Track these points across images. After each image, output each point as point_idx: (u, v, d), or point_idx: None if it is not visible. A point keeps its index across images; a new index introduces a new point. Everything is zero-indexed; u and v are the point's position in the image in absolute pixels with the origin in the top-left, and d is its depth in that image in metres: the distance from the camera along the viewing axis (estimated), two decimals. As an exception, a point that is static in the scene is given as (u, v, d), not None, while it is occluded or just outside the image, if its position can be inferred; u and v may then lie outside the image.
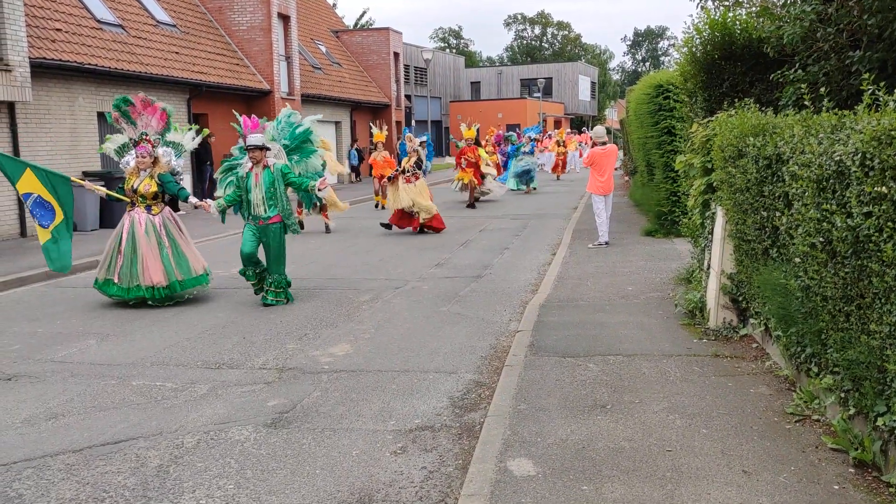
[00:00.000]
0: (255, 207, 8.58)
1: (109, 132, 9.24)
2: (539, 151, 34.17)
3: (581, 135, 42.49)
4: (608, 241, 12.17)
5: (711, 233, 7.10)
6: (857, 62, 5.76)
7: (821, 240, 4.10)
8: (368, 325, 7.66)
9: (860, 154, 3.54)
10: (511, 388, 5.38)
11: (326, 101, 29.05)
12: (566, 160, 32.53)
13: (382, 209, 19.07)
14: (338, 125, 30.87)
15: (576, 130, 47.48)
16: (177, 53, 20.42)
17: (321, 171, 10.33)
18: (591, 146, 14.78)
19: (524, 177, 24.31)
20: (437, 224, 14.79)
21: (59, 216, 8.55)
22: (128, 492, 4.11)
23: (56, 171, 8.88)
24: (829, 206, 3.90)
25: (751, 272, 5.87)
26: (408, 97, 40.29)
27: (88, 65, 16.30)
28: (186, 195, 9.06)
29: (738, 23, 7.39)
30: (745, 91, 7.39)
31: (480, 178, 20.31)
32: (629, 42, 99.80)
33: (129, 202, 8.89)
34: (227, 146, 22.32)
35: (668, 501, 3.67)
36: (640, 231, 13.43)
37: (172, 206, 11.45)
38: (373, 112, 33.42)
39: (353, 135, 31.95)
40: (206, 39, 22.81)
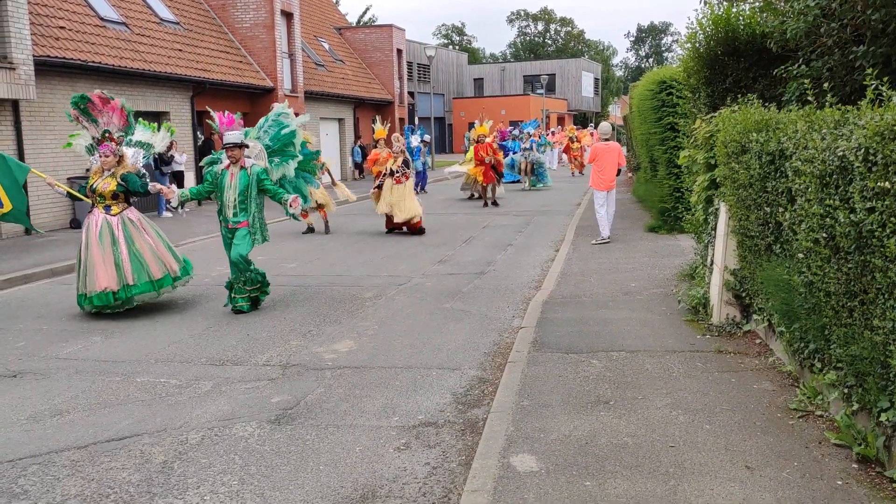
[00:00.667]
0: (226, 208, 8.20)
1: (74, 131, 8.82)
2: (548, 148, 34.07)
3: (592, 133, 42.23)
4: (610, 236, 12.20)
5: (714, 229, 7.09)
6: (861, 57, 5.74)
7: (824, 235, 4.09)
8: (372, 322, 7.67)
9: (863, 149, 3.53)
10: (514, 385, 5.39)
11: (329, 98, 29.05)
12: (582, 156, 31.99)
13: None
14: (341, 122, 30.88)
15: (579, 126, 47.30)
16: (180, 51, 20.44)
17: (310, 177, 9.87)
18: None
19: (535, 173, 24.07)
20: (417, 224, 14.23)
21: (7, 206, 8.36)
22: (132, 488, 4.13)
23: (18, 162, 8.66)
24: (833, 202, 3.90)
25: (754, 268, 5.87)
26: (411, 94, 40.28)
27: (92, 62, 16.33)
28: (147, 185, 8.44)
29: (742, 18, 7.37)
30: (749, 87, 7.37)
31: (496, 177, 19.64)
32: (632, 38, 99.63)
33: (91, 204, 8.43)
34: (231, 144, 22.49)
35: (671, 497, 3.68)
36: (644, 227, 13.42)
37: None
38: (376, 109, 33.40)
39: (357, 132, 31.96)
40: (210, 37, 22.82)
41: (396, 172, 14.06)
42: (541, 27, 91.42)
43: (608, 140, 12.58)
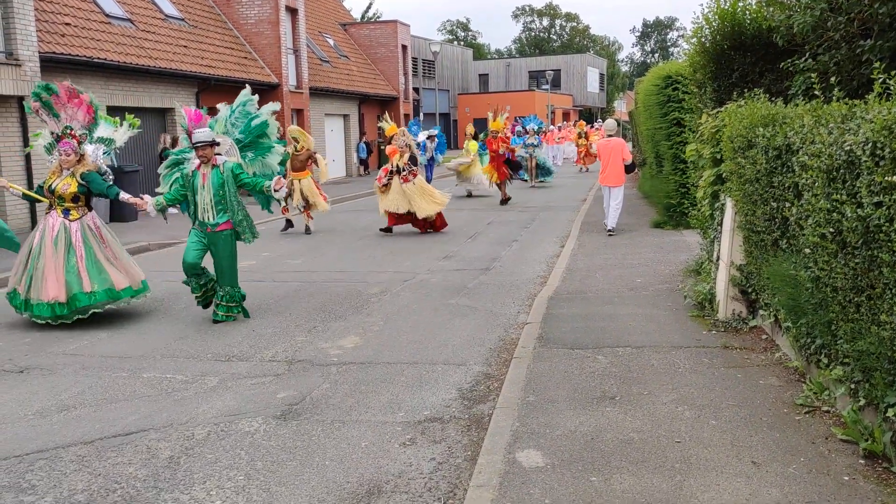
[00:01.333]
0: (203, 212, 7.55)
1: (40, 127, 8.14)
2: (554, 143, 34.01)
3: (591, 129, 42.07)
4: (612, 230, 12.57)
5: (721, 224, 7.07)
6: (868, 51, 5.71)
7: (831, 230, 4.08)
8: (377, 318, 7.68)
9: (870, 144, 3.52)
10: (520, 380, 5.39)
11: (334, 95, 29.05)
12: (589, 151, 31.89)
13: None
14: (346, 118, 30.89)
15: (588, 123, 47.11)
16: (185, 47, 20.46)
17: (281, 170, 8.99)
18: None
19: (539, 173, 23.93)
20: (440, 223, 13.84)
21: None
22: (139, 483, 4.14)
23: None
24: (840, 197, 3.88)
25: (760, 263, 5.85)
26: (416, 90, 40.25)
27: (97, 59, 16.35)
28: (116, 192, 7.78)
29: (748, 12, 7.34)
30: (755, 81, 7.35)
31: (510, 171, 19.01)
32: (638, 33, 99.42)
33: (48, 205, 7.81)
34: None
35: (677, 492, 3.67)
36: (649, 223, 13.39)
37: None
38: (381, 105, 33.41)
39: (362, 128, 31.96)
40: (215, 33, 22.84)
41: (403, 170, 13.43)
42: (546, 22, 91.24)
43: (612, 137, 13.03)
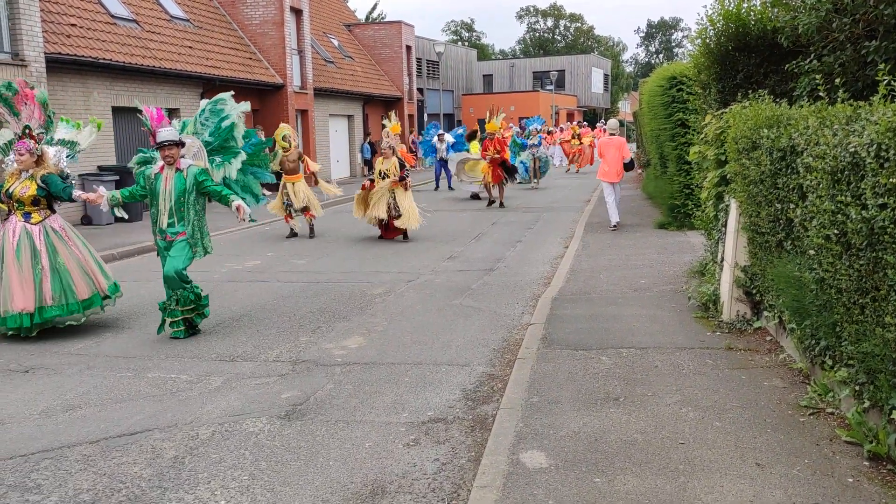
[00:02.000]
0: (161, 217, 7.09)
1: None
2: (550, 145, 33.96)
3: (596, 129, 42.01)
4: (616, 224, 13.17)
5: (725, 225, 7.07)
6: (873, 52, 5.70)
7: (835, 232, 4.07)
8: (381, 318, 7.68)
9: (875, 145, 3.51)
10: (524, 381, 5.39)
11: (339, 95, 29.08)
12: (582, 152, 31.96)
13: None
14: (350, 119, 30.93)
15: (586, 123, 47.07)
16: (190, 48, 20.51)
17: (264, 175, 8.43)
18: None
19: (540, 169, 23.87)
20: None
21: None
22: (144, 483, 4.15)
23: None
24: (844, 198, 3.88)
25: (765, 265, 5.84)
26: (420, 90, 40.28)
27: (103, 59, 16.40)
28: (70, 192, 7.35)
29: (753, 13, 7.33)
30: (760, 82, 7.34)
31: (505, 174, 18.34)
32: (642, 34, 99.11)
33: (7, 210, 7.39)
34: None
35: (681, 494, 3.67)
36: (653, 224, 13.39)
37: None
38: (385, 105, 33.43)
39: (366, 128, 31.99)
40: (219, 34, 22.89)
41: (392, 176, 12.69)
42: (550, 23, 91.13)
43: (614, 135, 13.73)
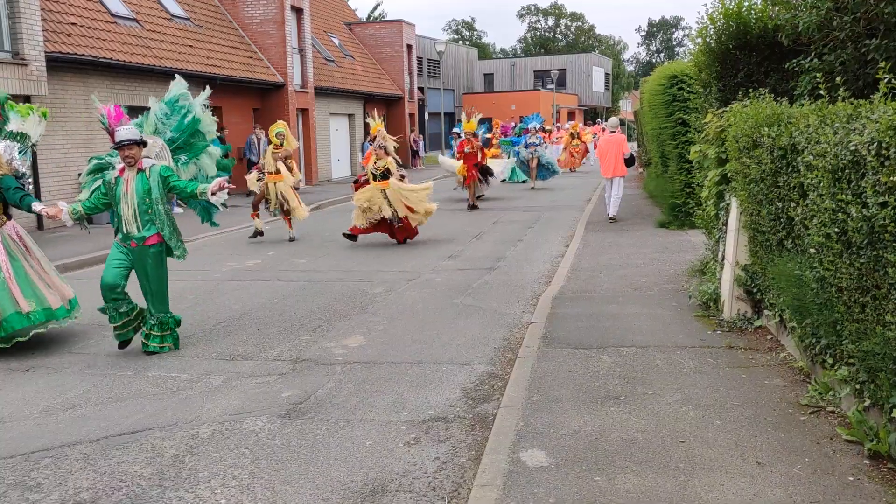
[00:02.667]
0: (127, 224, 6.51)
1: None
2: (551, 143, 33.92)
3: (594, 126, 41.95)
4: (613, 217, 13.89)
5: (726, 224, 7.06)
6: (874, 51, 5.70)
7: (836, 230, 4.07)
8: (382, 317, 7.68)
9: (876, 144, 3.51)
10: (524, 380, 5.39)
11: (339, 94, 29.08)
12: (581, 151, 31.82)
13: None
14: (351, 118, 30.92)
15: (589, 122, 47.05)
16: (191, 47, 20.51)
17: (229, 170, 7.91)
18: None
19: (542, 171, 23.43)
20: (413, 231, 12.61)
21: None
22: (144, 481, 4.16)
23: None
24: (845, 197, 3.87)
25: (765, 263, 5.84)
26: (421, 89, 40.26)
27: (103, 59, 16.40)
28: (30, 202, 6.75)
29: (753, 12, 7.33)
30: (760, 81, 7.34)
31: (480, 175, 17.85)
32: (643, 33, 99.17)
33: None
34: (241, 139, 22.59)
35: (681, 492, 3.67)
36: (654, 222, 13.38)
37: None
38: (386, 104, 33.43)
39: (367, 127, 31.95)
40: (220, 33, 22.88)
41: (385, 176, 12.06)
42: (551, 22, 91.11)
43: (614, 132, 14.54)
